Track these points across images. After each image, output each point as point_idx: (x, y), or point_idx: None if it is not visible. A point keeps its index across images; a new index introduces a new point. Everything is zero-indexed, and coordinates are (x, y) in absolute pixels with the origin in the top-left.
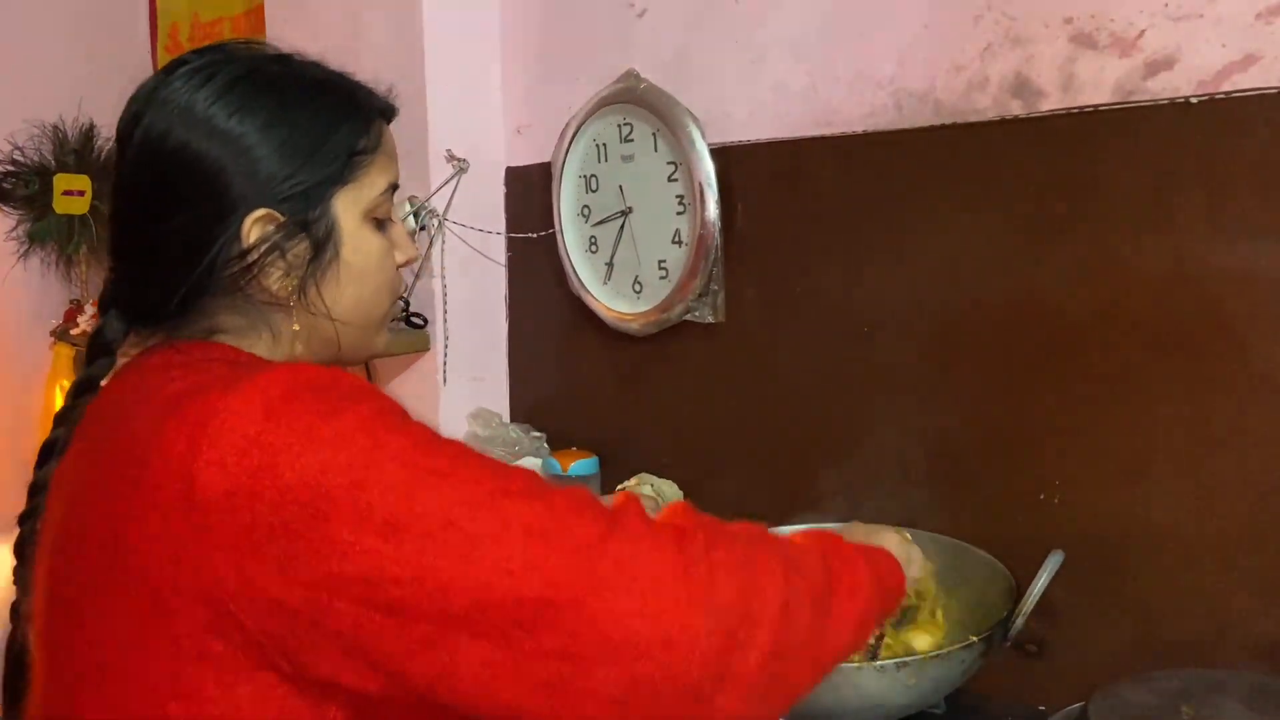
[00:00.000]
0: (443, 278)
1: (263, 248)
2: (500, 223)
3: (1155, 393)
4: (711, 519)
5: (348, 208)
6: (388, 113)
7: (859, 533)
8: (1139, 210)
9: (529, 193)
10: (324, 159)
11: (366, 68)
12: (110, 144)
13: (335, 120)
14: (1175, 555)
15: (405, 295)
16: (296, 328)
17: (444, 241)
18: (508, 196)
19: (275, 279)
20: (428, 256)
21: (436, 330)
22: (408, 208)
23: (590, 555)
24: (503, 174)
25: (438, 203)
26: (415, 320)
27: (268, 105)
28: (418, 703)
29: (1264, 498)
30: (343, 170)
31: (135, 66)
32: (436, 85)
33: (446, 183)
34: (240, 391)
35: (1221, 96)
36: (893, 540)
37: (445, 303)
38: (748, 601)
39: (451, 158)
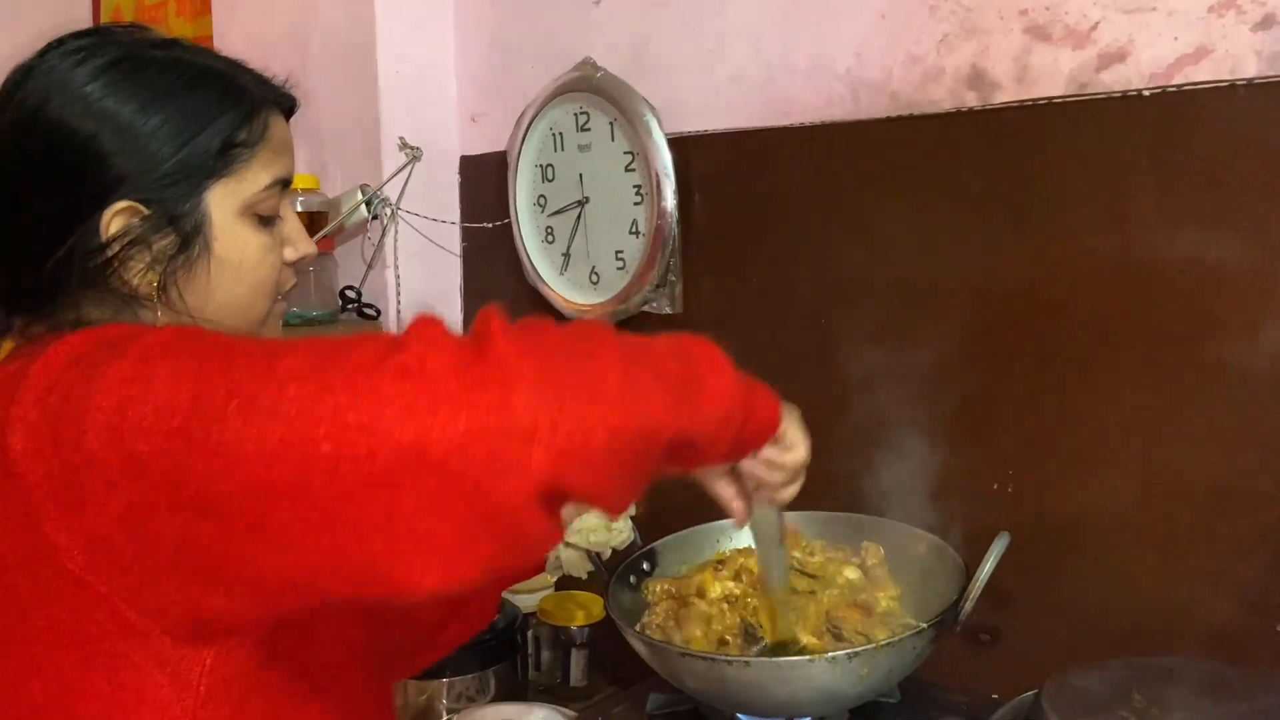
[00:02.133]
0: (396, 268)
1: (124, 240)
2: (455, 212)
3: (1107, 381)
4: (540, 322)
5: (222, 202)
6: (283, 103)
7: None
8: (1092, 202)
9: (484, 182)
10: (197, 150)
11: (318, 52)
12: None
13: (213, 110)
14: (1126, 543)
15: (357, 290)
16: (161, 323)
17: (397, 231)
18: (462, 185)
19: (137, 273)
20: (380, 246)
21: (389, 322)
22: (359, 196)
23: (371, 371)
24: (457, 162)
25: (390, 191)
26: (367, 311)
27: (145, 88)
28: (268, 608)
29: (1213, 486)
30: (217, 163)
31: None
32: (389, 71)
33: (399, 171)
34: (52, 348)
35: (1173, 89)
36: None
37: (398, 294)
38: (577, 379)
39: (404, 145)
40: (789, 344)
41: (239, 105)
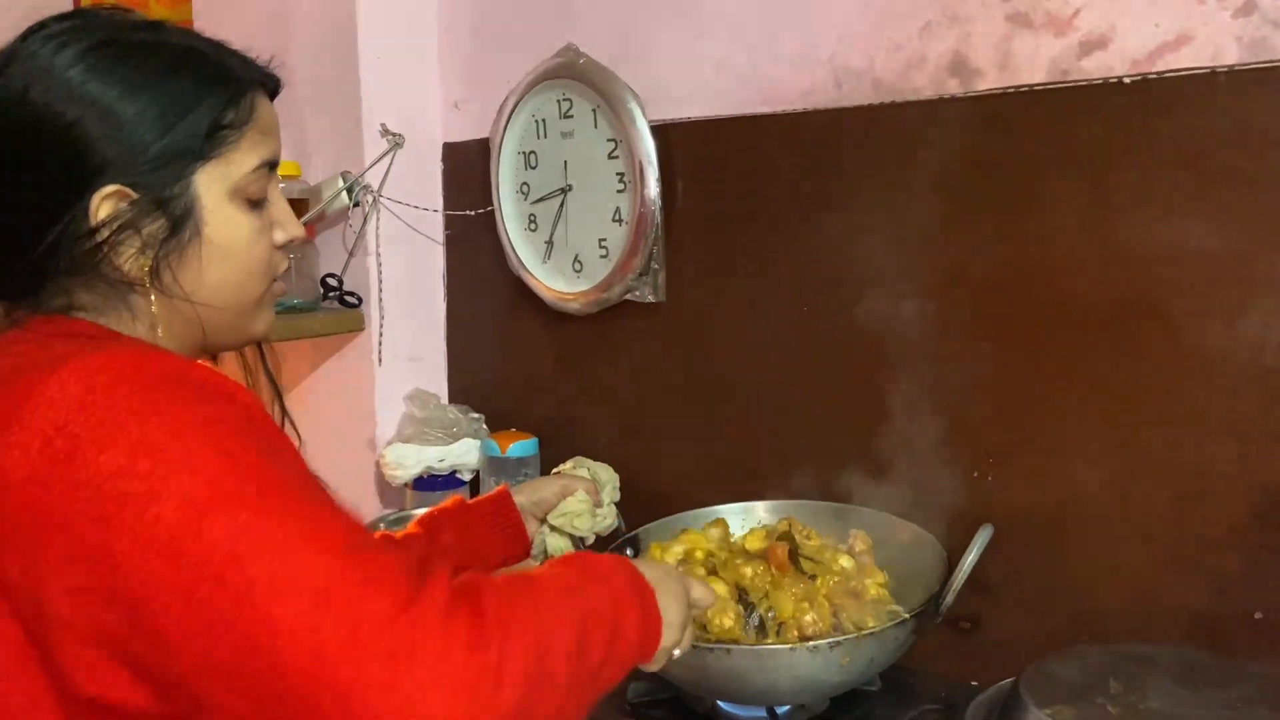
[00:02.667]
0: (378, 255)
1: (113, 226)
2: (437, 199)
3: (1086, 369)
4: (517, 590)
5: (211, 185)
6: (268, 84)
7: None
8: (1072, 189)
9: (466, 169)
10: (183, 132)
11: (299, 38)
12: None
13: (199, 92)
14: (1105, 531)
15: (339, 277)
16: (155, 310)
17: (379, 218)
18: (445, 172)
19: (128, 259)
20: (362, 234)
21: (371, 310)
22: (341, 183)
23: (368, 639)
24: (439, 149)
25: (372, 178)
26: (349, 299)
27: (128, 73)
28: (196, 715)
29: (1190, 474)
30: (204, 145)
31: None
32: (370, 57)
33: (381, 158)
34: (63, 373)
35: (1154, 76)
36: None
37: (380, 281)
38: (531, 692)
39: (386, 132)
40: (771, 332)
41: (225, 87)
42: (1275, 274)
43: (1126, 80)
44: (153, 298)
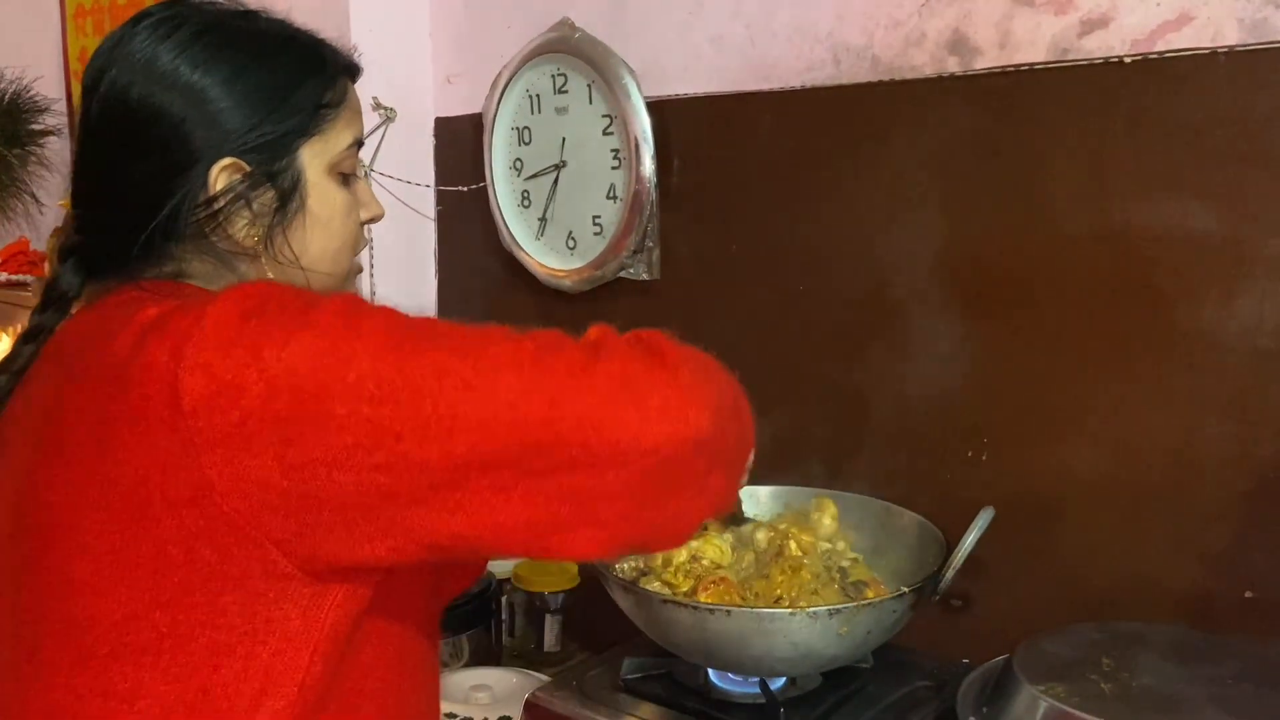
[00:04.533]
0: (369, 230)
1: (228, 196)
2: (429, 175)
3: (1082, 350)
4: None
5: (313, 160)
6: (352, 70)
7: None
8: (1071, 169)
9: (459, 144)
10: (290, 110)
11: (289, 9)
12: (7, 88)
13: (301, 74)
14: (1098, 510)
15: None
16: (270, 275)
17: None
18: (437, 148)
19: (241, 227)
20: None
21: (363, 285)
22: None
23: (584, 374)
24: (432, 124)
25: (364, 153)
26: None
27: (232, 58)
28: (429, 554)
29: (1182, 454)
30: (309, 122)
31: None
32: (362, 30)
33: (373, 132)
34: (217, 303)
35: (1155, 56)
36: None
37: (372, 257)
38: (720, 396)
39: (378, 106)
40: (765, 310)
41: (322, 69)
42: (1271, 255)
43: (1127, 60)
44: (264, 264)
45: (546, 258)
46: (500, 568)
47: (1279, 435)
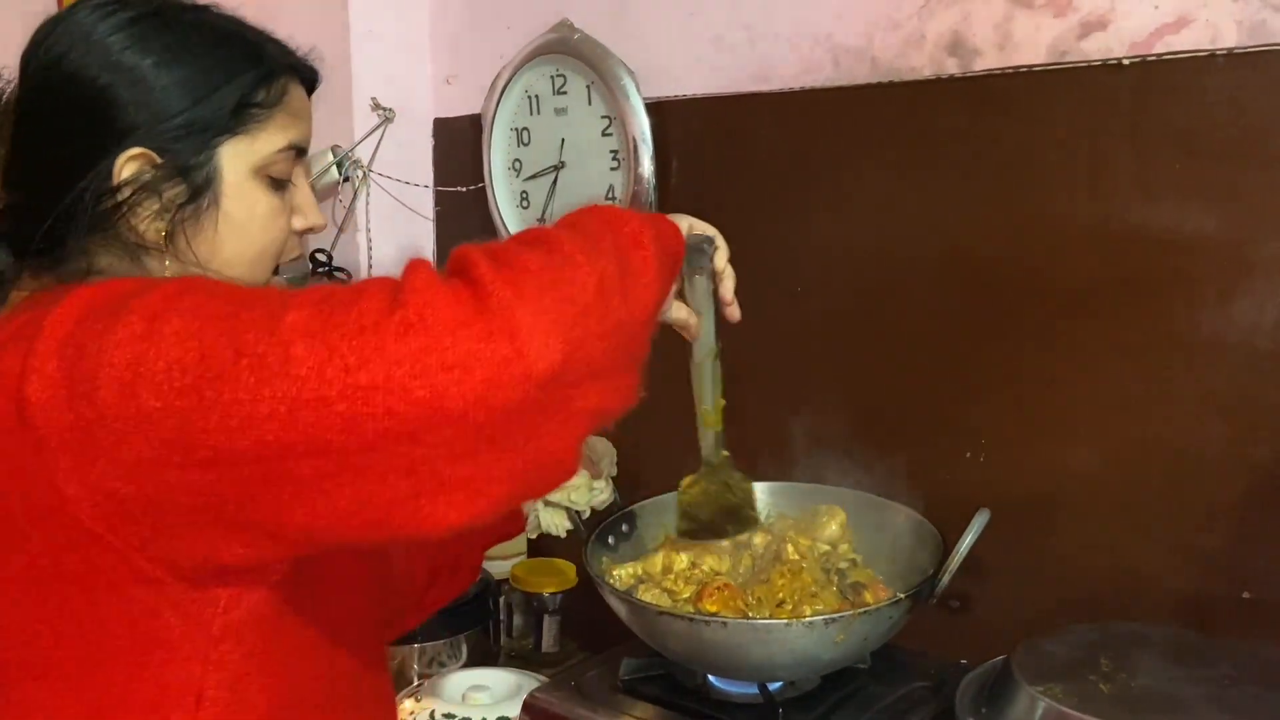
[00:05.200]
0: (367, 231)
1: (134, 186)
2: (428, 175)
3: (1080, 352)
4: (499, 245)
5: (235, 159)
6: (303, 73)
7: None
8: (1070, 170)
9: (458, 145)
10: (212, 105)
11: (288, 8)
12: (5, 89)
13: (233, 69)
14: (1096, 511)
15: (328, 253)
16: (168, 273)
17: (369, 194)
18: (436, 148)
19: (145, 220)
20: (352, 209)
21: None
22: (330, 157)
23: (376, 330)
24: (430, 125)
25: (362, 153)
26: (338, 275)
27: (166, 43)
28: (287, 549)
29: (1180, 456)
30: (231, 120)
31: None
32: (361, 30)
33: (371, 132)
34: (63, 302)
35: (1153, 58)
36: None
37: (370, 257)
38: (566, 298)
39: (377, 106)
40: (764, 311)
41: (258, 67)
42: (1269, 257)
43: (1126, 62)
44: (167, 262)
45: None
46: (498, 568)
47: (1277, 436)
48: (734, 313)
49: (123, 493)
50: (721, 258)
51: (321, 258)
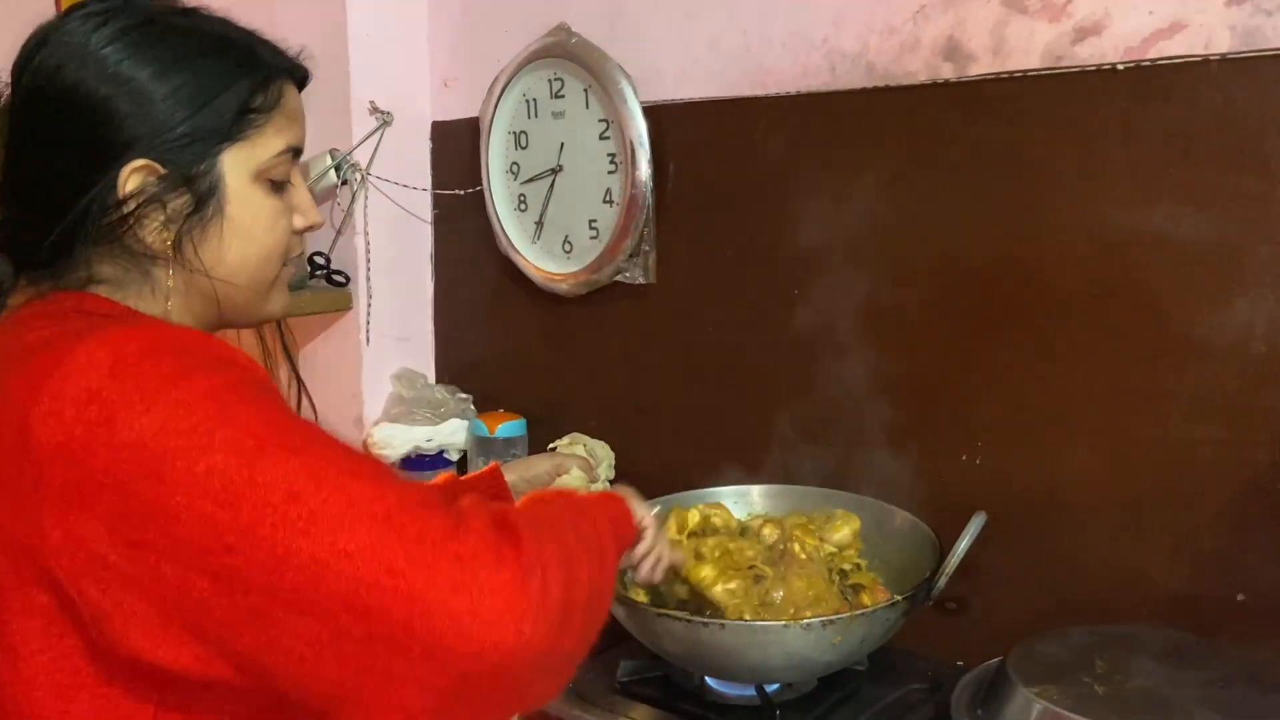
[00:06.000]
0: (365, 234)
1: (140, 198)
2: (426, 178)
3: (1075, 354)
4: (533, 507)
5: (236, 166)
6: (296, 73)
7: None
8: (1064, 175)
9: (456, 148)
10: (213, 113)
11: (286, 11)
12: (3, 91)
13: (230, 75)
14: (1091, 514)
15: (326, 256)
16: (171, 282)
17: (367, 196)
18: (434, 151)
19: (152, 231)
20: (350, 212)
21: (359, 288)
22: (328, 160)
23: (433, 549)
24: (429, 128)
25: (360, 156)
26: (337, 278)
27: (162, 54)
28: (235, 677)
29: (1174, 458)
30: (232, 127)
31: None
32: (360, 34)
33: (370, 136)
34: (90, 344)
35: (1147, 64)
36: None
37: (368, 260)
38: (570, 596)
39: (375, 110)
40: (761, 315)
41: (254, 72)
42: (1263, 261)
43: (1120, 67)
44: (172, 271)
45: (543, 261)
46: None
47: (1271, 439)
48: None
49: (109, 560)
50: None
51: (320, 260)
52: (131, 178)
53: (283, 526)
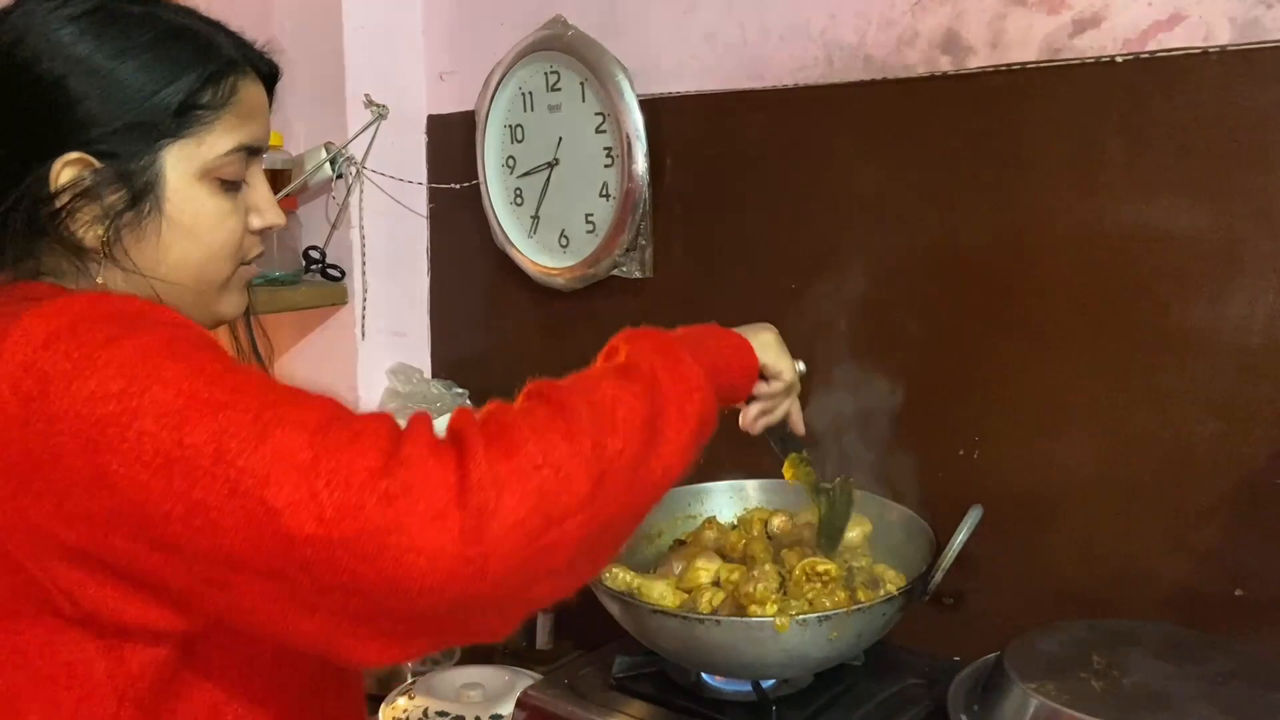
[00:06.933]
0: (361, 228)
1: (73, 191)
2: (421, 172)
3: (1073, 348)
4: (501, 409)
5: (179, 163)
6: (261, 67)
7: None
8: (1063, 168)
9: (451, 142)
10: (154, 108)
11: (281, 6)
12: None
13: (177, 69)
14: (1089, 508)
15: (321, 250)
16: (101, 280)
17: (362, 190)
18: (429, 145)
19: (83, 226)
20: (345, 206)
21: (354, 283)
22: (323, 154)
23: (359, 491)
24: (424, 121)
25: (355, 150)
26: (332, 272)
27: (112, 41)
28: (213, 631)
29: (1172, 452)
30: (174, 123)
31: None
32: (354, 26)
33: (364, 129)
34: (25, 320)
35: (1146, 56)
36: (761, 335)
37: (363, 254)
38: (548, 503)
39: (370, 103)
40: (758, 309)
41: (205, 65)
42: (1260, 254)
43: (1119, 59)
44: (105, 268)
45: (539, 256)
46: None
47: (1269, 433)
48: (800, 429)
49: (60, 536)
50: (792, 408)
51: (315, 254)
52: (65, 170)
53: (213, 490)
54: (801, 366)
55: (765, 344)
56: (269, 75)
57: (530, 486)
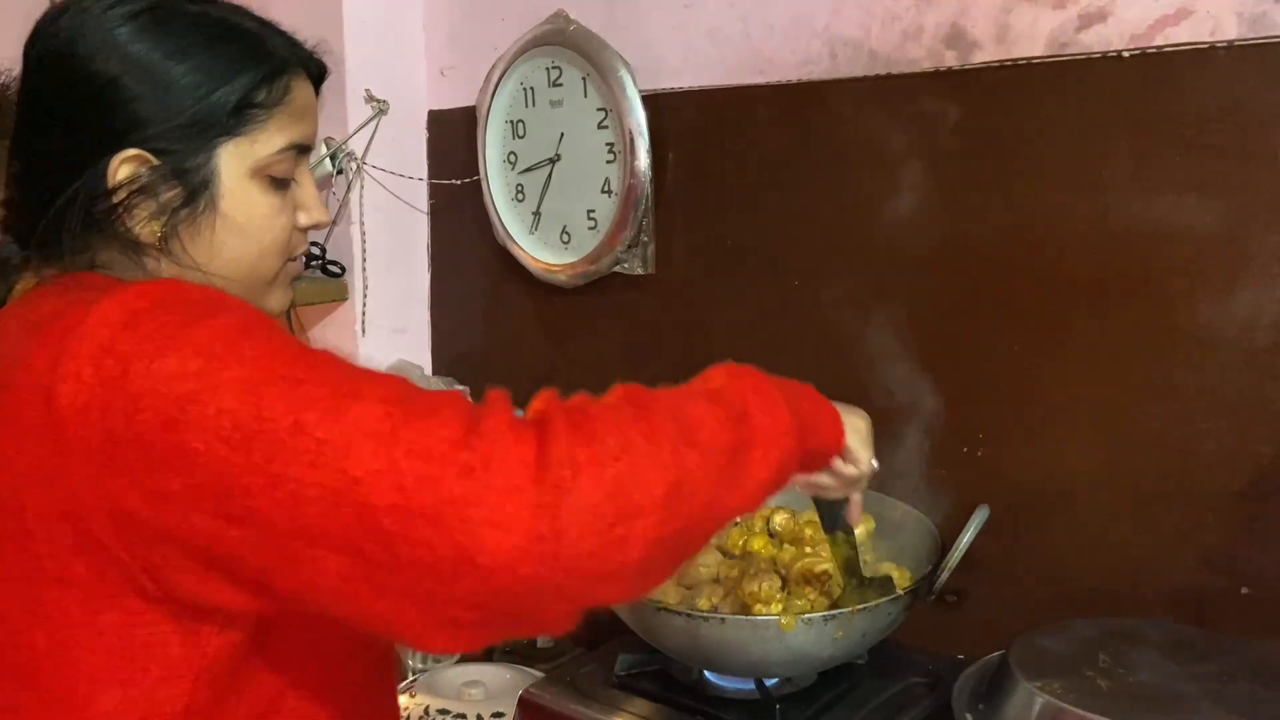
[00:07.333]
0: (361, 224)
1: (130, 188)
2: (422, 168)
3: (1079, 346)
4: (586, 401)
5: (233, 161)
6: (310, 68)
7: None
8: (1069, 164)
9: (453, 137)
10: (211, 107)
11: (283, 1)
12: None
13: (233, 68)
14: (1094, 507)
15: (321, 246)
16: (164, 274)
17: (362, 186)
18: (430, 141)
19: (140, 222)
20: (345, 202)
21: (355, 279)
22: (324, 150)
23: (440, 463)
24: (425, 117)
25: (356, 145)
26: (332, 269)
27: (171, 39)
28: (288, 614)
29: (1179, 451)
30: (230, 121)
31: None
32: (356, 22)
33: (365, 125)
34: (103, 304)
35: (1153, 50)
36: (854, 418)
37: (364, 250)
38: (623, 496)
39: (370, 98)
40: (761, 306)
41: (260, 65)
42: (1267, 251)
43: (1125, 54)
44: (162, 263)
45: (540, 252)
46: None
47: (1275, 432)
48: (856, 521)
49: (141, 516)
50: (854, 497)
51: (315, 251)
52: (122, 167)
53: (293, 461)
54: (876, 464)
55: (855, 428)
56: (318, 76)
57: (607, 474)
